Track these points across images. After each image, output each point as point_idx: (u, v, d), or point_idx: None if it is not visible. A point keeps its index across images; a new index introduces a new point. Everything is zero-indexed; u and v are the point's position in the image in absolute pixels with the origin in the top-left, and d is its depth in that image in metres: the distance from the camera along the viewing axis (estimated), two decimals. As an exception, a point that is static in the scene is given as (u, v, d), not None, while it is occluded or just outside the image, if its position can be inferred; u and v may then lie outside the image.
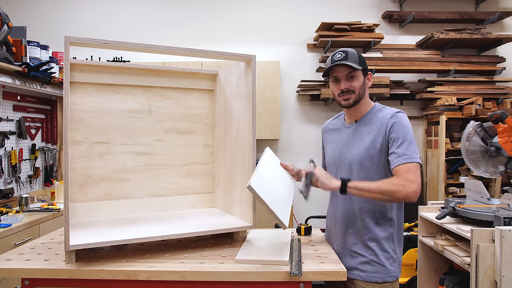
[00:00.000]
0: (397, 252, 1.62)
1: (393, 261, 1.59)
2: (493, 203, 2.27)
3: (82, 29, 4.40)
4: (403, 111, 1.61)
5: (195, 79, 2.12)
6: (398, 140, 1.53)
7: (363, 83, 1.64)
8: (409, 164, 1.48)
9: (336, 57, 1.61)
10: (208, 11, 4.48)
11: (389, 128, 1.55)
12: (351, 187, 1.49)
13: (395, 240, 1.61)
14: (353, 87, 1.61)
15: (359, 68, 1.59)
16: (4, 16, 2.77)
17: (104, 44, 1.53)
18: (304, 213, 3.97)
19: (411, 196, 1.45)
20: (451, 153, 3.99)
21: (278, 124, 4.18)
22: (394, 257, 1.59)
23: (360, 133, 1.63)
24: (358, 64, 1.59)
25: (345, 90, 1.62)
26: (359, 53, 1.63)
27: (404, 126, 1.55)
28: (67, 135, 1.45)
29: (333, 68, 1.61)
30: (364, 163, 1.59)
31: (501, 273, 1.79)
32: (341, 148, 1.68)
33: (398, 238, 1.63)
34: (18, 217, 2.57)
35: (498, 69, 4.15)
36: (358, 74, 1.61)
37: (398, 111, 1.61)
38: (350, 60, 1.58)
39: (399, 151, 1.51)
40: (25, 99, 3.32)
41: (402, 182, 1.44)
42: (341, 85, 1.62)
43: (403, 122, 1.56)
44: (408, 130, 1.55)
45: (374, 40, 4.10)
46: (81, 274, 1.41)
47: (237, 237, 1.80)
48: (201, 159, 2.16)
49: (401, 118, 1.57)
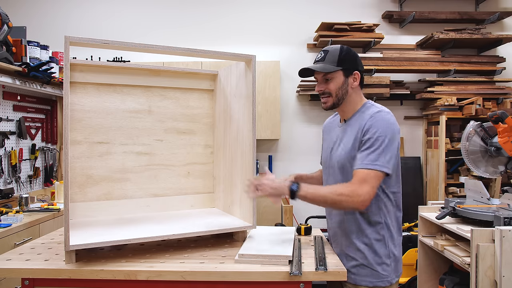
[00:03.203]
0: (392, 256, 1.54)
1: (386, 266, 1.52)
2: (493, 203, 2.27)
3: (82, 29, 4.40)
4: (387, 111, 1.51)
5: (195, 79, 2.12)
6: (367, 143, 1.44)
7: (343, 84, 1.55)
8: (367, 171, 1.40)
9: (316, 57, 1.59)
10: (208, 11, 4.48)
11: (365, 130, 1.47)
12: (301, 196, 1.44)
13: (388, 244, 1.53)
14: (329, 89, 1.56)
15: (330, 71, 1.53)
16: (4, 16, 2.77)
17: (104, 44, 1.53)
18: (304, 213, 3.97)
19: (359, 207, 1.40)
20: (451, 153, 3.99)
21: (278, 124, 4.18)
22: (387, 261, 1.52)
23: (346, 134, 1.57)
24: (337, 64, 1.52)
25: (321, 93, 1.58)
26: (345, 51, 1.55)
27: (381, 128, 1.44)
28: (67, 135, 1.45)
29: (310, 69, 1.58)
30: (346, 165, 1.52)
31: (501, 273, 1.79)
32: (331, 148, 1.64)
33: (392, 241, 1.55)
34: (18, 217, 2.57)
35: (498, 69, 4.15)
36: (335, 75, 1.54)
37: (380, 111, 1.50)
38: (327, 61, 1.53)
39: (364, 154, 1.43)
40: (25, 99, 3.32)
41: (348, 193, 1.38)
42: (316, 87, 1.60)
43: (381, 124, 1.45)
44: (384, 133, 1.43)
45: (374, 40, 4.10)
46: (81, 274, 1.41)
47: (237, 237, 1.80)
48: (201, 159, 2.16)
49: (380, 119, 1.47)
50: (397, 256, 1.57)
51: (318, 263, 1.45)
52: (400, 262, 1.60)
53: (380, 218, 1.53)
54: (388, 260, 1.53)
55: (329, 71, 1.53)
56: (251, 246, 1.60)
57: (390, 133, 1.44)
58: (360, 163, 1.43)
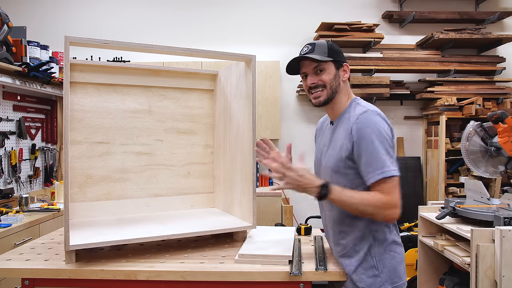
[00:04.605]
0: (380, 267, 1.41)
1: (375, 277, 1.40)
2: (493, 203, 2.27)
3: (82, 29, 4.40)
4: (372, 110, 1.39)
5: (195, 79, 2.12)
6: (365, 151, 1.34)
7: (336, 76, 1.45)
8: (386, 181, 1.31)
9: (302, 50, 1.47)
10: (208, 11, 4.48)
11: (355, 136, 1.36)
12: (331, 199, 1.33)
13: (374, 254, 1.41)
14: (323, 80, 1.44)
15: (324, 60, 1.42)
16: (4, 16, 2.77)
17: (104, 44, 1.53)
18: (304, 213, 3.97)
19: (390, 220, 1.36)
20: (451, 153, 3.99)
21: (278, 124, 4.18)
22: (375, 272, 1.40)
23: (335, 136, 1.47)
24: (328, 55, 1.43)
25: (313, 86, 1.45)
26: (331, 44, 1.46)
27: (371, 131, 1.34)
28: (67, 135, 1.45)
29: (300, 63, 1.48)
30: (340, 169, 1.42)
31: (501, 273, 1.79)
32: (321, 151, 1.56)
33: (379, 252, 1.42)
34: (18, 217, 2.57)
35: (498, 69, 4.15)
36: (328, 66, 1.44)
37: (365, 111, 1.39)
38: (316, 53, 1.43)
39: (371, 164, 1.32)
40: (25, 99, 3.32)
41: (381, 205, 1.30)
42: (307, 80, 1.47)
43: (370, 126, 1.34)
44: (378, 134, 1.33)
45: (374, 40, 4.10)
46: (81, 274, 1.41)
47: (237, 237, 1.80)
48: (201, 159, 2.16)
49: (367, 120, 1.36)
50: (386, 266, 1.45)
51: (318, 263, 1.45)
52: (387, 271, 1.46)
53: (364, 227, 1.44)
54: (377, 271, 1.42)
55: (323, 60, 1.42)
56: (251, 246, 1.60)
57: (383, 134, 1.35)
58: (376, 174, 1.32)
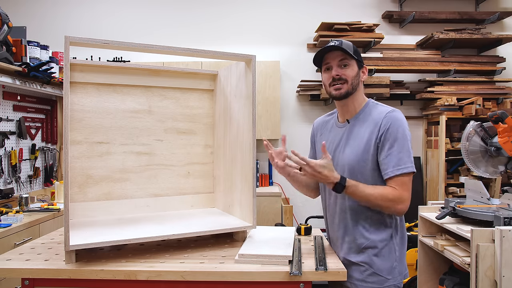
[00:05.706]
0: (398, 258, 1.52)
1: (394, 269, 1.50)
2: (493, 203, 2.27)
3: (82, 29, 4.40)
4: (397, 110, 1.51)
5: (195, 79, 2.12)
6: (390, 145, 1.43)
7: (357, 74, 1.53)
8: (402, 177, 1.42)
9: (331, 42, 1.52)
10: (208, 11, 4.48)
11: (383, 130, 1.45)
12: (347, 192, 1.43)
13: (395, 246, 1.51)
14: (346, 75, 1.50)
15: (353, 57, 1.50)
16: (4, 16, 2.78)
17: (104, 44, 1.53)
18: (304, 213, 3.97)
19: (399, 213, 1.46)
20: (451, 153, 3.99)
21: (278, 124, 4.18)
22: (394, 264, 1.50)
23: (354, 134, 1.52)
24: (353, 53, 1.50)
25: (337, 78, 1.50)
26: (354, 46, 1.54)
27: (399, 128, 1.44)
28: (67, 135, 1.45)
29: (325, 55, 1.53)
30: (356, 167, 1.49)
31: (501, 273, 1.79)
32: (334, 150, 1.58)
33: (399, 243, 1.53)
34: (18, 217, 2.57)
35: (498, 69, 4.15)
36: (352, 63, 1.52)
37: (393, 110, 1.50)
38: (345, 47, 1.49)
39: (392, 159, 1.43)
40: (25, 99, 3.32)
41: (393, 198, 1.41)
42: (332, 72, 1.52)
43: (398, 123, 1.45)
44: (403, 133, 1.44)
45: (374, 40, 4.10)
46: (81, 274, 1.41)
47: (237, 237, 1.80)
48: (201, 159, 2.16)
49: (396, 118, 1.46)
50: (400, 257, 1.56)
51: (318, 263, 1.45)
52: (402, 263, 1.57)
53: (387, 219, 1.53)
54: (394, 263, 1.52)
55: (351, 54, 1.49)
56: (251, 246, 1.60)
57: (407, 132, 1.46)
58: (395, 169, 1.42)
